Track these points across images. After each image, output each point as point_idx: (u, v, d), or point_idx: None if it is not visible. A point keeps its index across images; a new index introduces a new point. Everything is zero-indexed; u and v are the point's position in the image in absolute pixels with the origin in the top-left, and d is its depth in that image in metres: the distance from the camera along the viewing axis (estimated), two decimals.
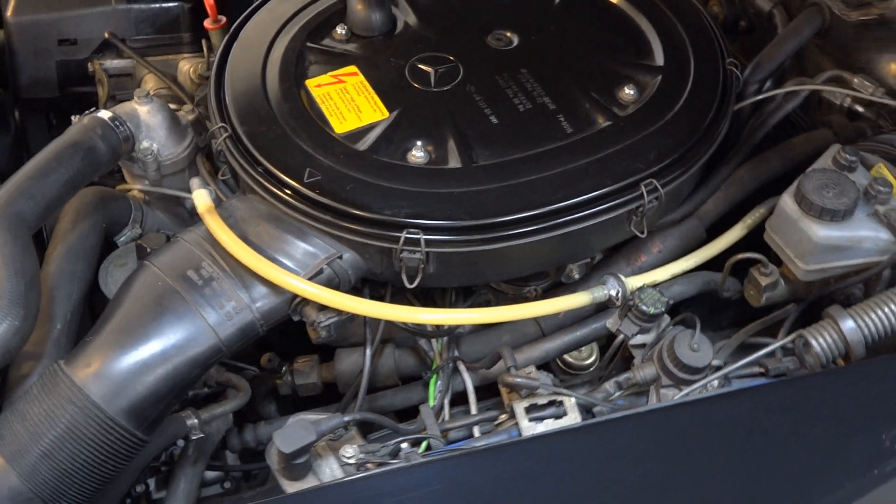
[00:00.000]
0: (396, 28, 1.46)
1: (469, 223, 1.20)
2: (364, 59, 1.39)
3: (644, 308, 1.21)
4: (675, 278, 1.32)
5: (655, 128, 1.32)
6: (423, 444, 1.17)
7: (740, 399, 1.11)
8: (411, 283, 1.22)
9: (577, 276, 1.39)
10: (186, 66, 1.57)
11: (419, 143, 1.27)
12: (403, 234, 1.18)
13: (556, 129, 1.32)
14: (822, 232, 1.25)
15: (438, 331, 1.32)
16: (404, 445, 1.15)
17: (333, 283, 1.21)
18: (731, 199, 1.45)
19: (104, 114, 1.33)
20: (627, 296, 1.24)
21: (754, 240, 1.36)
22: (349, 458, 1.13)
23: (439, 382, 1.31)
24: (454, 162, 1.27)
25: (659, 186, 1.26)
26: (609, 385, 1.23)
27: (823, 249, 1.26)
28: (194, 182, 1.25)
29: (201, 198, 1.22)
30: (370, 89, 1.35)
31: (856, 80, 1.53)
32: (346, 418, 1.12)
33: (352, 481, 1.04)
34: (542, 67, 1.39)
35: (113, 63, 1.55)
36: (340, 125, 1.30)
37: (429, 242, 1.18)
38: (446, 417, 1.28)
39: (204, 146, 1.45)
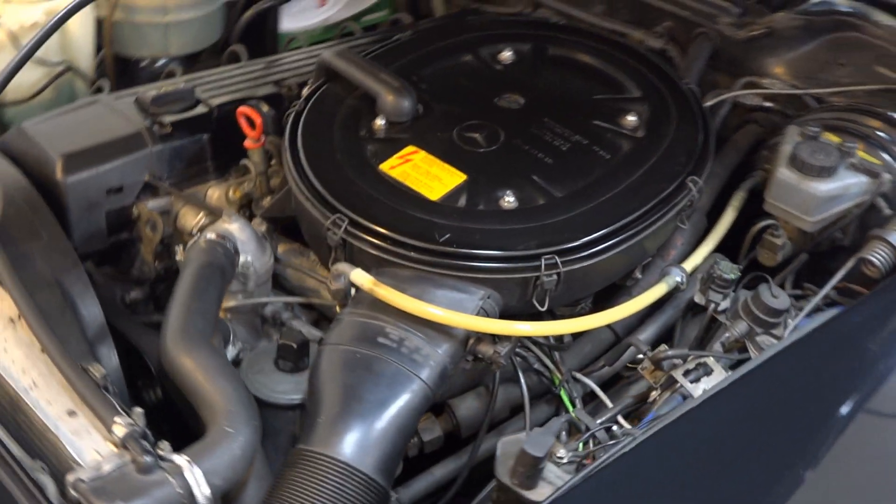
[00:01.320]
0: (419, 112, 1.65)
1: (582, 241, 1.41)
2: (415, 139, 1.57)
3: (725, 276, 1.48)
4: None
5: (671, 139, 1.61)
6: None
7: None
8: (543, 306, 1.41)
9: (639, 276, 1.63)
10: (216, 193, 1.66)
11: (507, 191, 1.48)
12: (543, 261, 1.37)
13: (597, 157, 1.57)
14: (823, 187, 1.59)
15: (562, 344, 1.51)
16: (600, 434, 1.33)
17: None
18: (715, 190, 1.76)
19: (212, 235, 1.42)
20: (709, 272, 1.50)
21: None
22: (562, 458, 1.28)
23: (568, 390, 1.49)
24: (540, 199, 1.48)
25: (700, 181, 1.54)
26: (716, 346, 1.47)
27: (825, 201, 1.60)
28: (342, 266, 1.37)
29: (361, 276, 1.35)
30: (437, 160, 1.53)
31: (765, 82, 1.91)
32: (563, 419, 1.28)
33: (615, 464, 1.16)
34: (558, 115, 1.65)
35: (153, 203, 1.61)
36: (433, 192, 1.48)
37: (563, 263, 1.38)
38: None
39: None
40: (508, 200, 1.47)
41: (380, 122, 1.60)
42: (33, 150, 1.57)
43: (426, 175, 1.51)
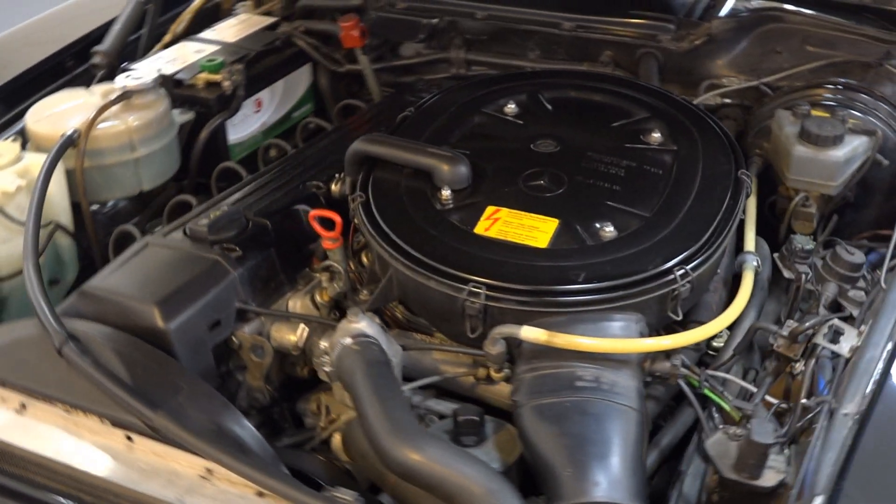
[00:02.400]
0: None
1: (697, 245, 1.51)
2: (489, 199, 1.61)
3: (806, 247, 1.62)
4: None
5: (701, 144, 1.75)
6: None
7: None
8: (678, 315, 1.49)
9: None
10: (298, 303, 1.63)
11: (601, 223, 1.55)
12: (677, 273, 1.45)
13: (653, 174, 1.68)
14: (839, 153, 1.78)
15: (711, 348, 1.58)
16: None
17: None
18: None
19: (350, 339, 1.41)
20: (786, 249, 1.63)
21: None
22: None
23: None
24: (634, 222, 1.56)
25: (749, 173, 1.69)
26: (822, 310, 1.60)
27: (842, 165, 1.78)
28: (505, 328, 1.39)
29: (532, 331, 1.37)
30: (522, 213, 1.58)
31: (724, 80, 2.10)
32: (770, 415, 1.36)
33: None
34: (594, 148, 1.74)
35: (250, 328, 1.56)
36: (538, 241, 1.53)
37: (693, 269, 1.47)
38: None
39: None
40: (608, 230, 1.54)
41: (445, 192, 1.63)
42: (117, 306, 1.48)
43: (522, 228, 1.56)
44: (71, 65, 2.33)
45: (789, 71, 2.07)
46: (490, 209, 1.60)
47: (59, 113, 2.02)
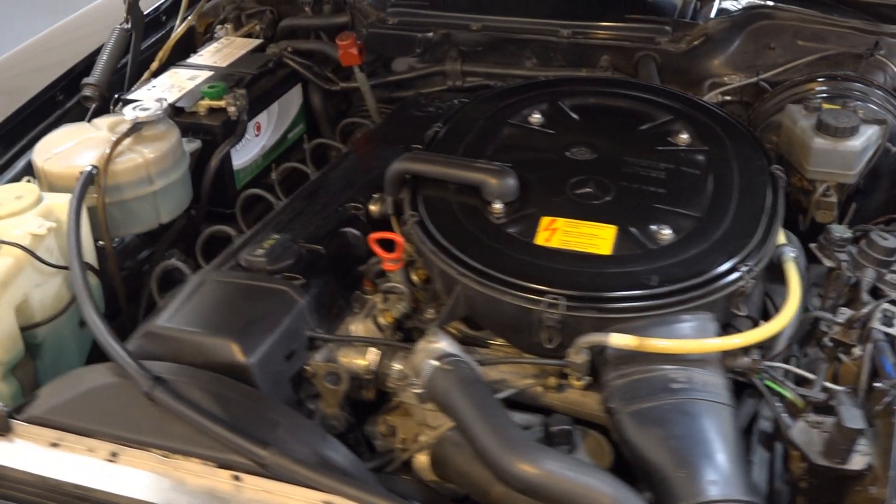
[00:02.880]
0: None
1: (756, 240, 1.56)
2: (542, 210, 1.64)
3: (844, 236, 1.69)
4: None
5: (730, 142, 1.80)
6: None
7: None
8: (742, 311, 1.54)
9: None
10: (360, 326, 1.62)
11: (656, 226, 1.59)
12: (743, 269, 1.50)
13: (692, 175, 1.73)
14: (856, 143, 1.85)
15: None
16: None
17: None
18: None
19: (436, 359, 1.41)
20: (823, 238, 1.70)
21: None
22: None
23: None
24: (688, 224, 1.61)
25: (780, 167, 1.75)
26: (864, 296, 1.66)
27: (859, 154, 1.86)
28: (592, 337, 1.42)
29: (622, 338, 1.40)
30: (578, 221, 1.61)
31: (726, 79, 2.17)
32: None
33: None
34: (629, 153, 1.78)
35: (321, 356, 1.55)
36: (601, 248, 1.56)
37: (756, 265, 1.52)
38: None
39: None
40: (665, 233, 1.58)
41: (497, 206, 1.65)
42: (192, 344, 1.45)
43: (581, 236, 1.58)
44: (62, 98, 2.26)
45: (785, 66, 2.15)
46: (546, 220, 1.62)
47: (69, 150, 1.96)
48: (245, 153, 2.27)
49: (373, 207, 1.80)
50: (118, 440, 1.33)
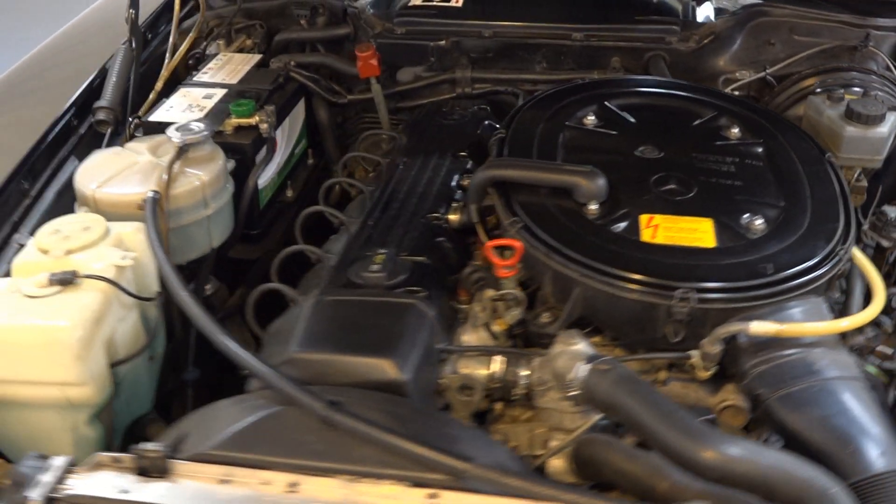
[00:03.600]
0: None
1: (843, 223, 1.67)
2: (637, 208, 1.69)
3: None
4: None
5: (781, 132, 1.91)
6: None
7: None
8: (840, 291, 1.64)
9: None
10: (473, 336, 1.62)
11: (745, 217, 1.67)
12: (841, 252, 1.60)
13: (757, 167, 1.82)
14: (885, 129, 2.00)
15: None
16: None
17: None
18: None
19: (590, 358, 1.45)
20: (877, 220, 1.82)
21: None
22: None
23: None
24: (773, 212, 1.70)
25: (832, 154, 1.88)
26: None
27: (886, 140, 2.01)
28: (731, 326, 1.48)
29: (762, 325, 1.47)
30: (675, 217, 1.67)
31: (737, 74, 2.28)
32: None
33: None
34: (694, 149, 1.86)
35: (447, 368, 1.55)
36: (705, 241, 1.63)
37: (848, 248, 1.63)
38: None
39: None
40: (758, 223, 1.66)
41: (593, 207, 1.69)
42: (341, 365, 1.43)
43: (682, 231, 1.65)
44: (76, 123, 2.16)
45: (787, 61, 2.29)
46: (644, 217, 1.68)
47: (119, 176, 1.88)
48: (265, 172, 2.23)
49: (453, 217, 1.81)
50: (296, 469, 1.30)
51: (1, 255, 1.81)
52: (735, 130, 1.92)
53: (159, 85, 2.31)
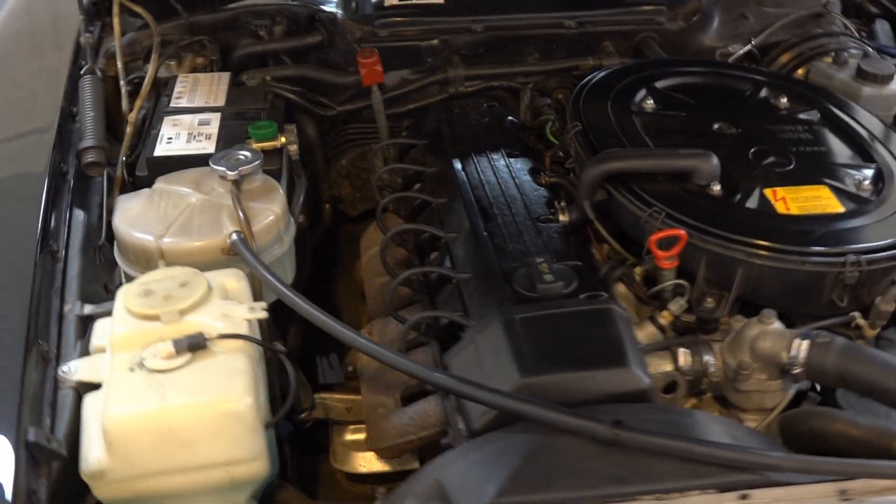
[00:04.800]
0: None
1: None
2: (756, 183, 1.69)
3: None
4: None
5: (822, 100, 1.98)
6: None
7: None
8: None
9: None
10: (641, 333, 1.56)
11: (851, 177, 1.72)
12: None
13: (823, 132, 1.88)
14: (894, 86, 2.12)
15: None
16: None
17: None
18: None
19: (804, 335, 1.45)
20: None
21: None
22: None
23: None
24: (871, 172, 1.76)
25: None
26: None
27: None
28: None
29: None
30: (793, 187, 1.69)
31: (729, 49, 2.34)
32: None
33: None
34: (763, 122, 1.89)
35: None
36: (833, 207, 1.65)
37: None
38: None
39: None
40: (865, 183, 1.72)
41: (716, 187, 1.68)
42: (578, 382, 1.34)
43: (808, 200, 1.67)
44: (65, 170, 1.87)
45: (765, 32, 2.37)
46: (768, 191, 1.68)
47: (179, 222, 1.65)
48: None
49: (563, 217, 1.73)
50: (601, 500, 1.20)
51: (61, 332, 1.53)
52: (784, 100, 1.96)
53: (133, 116, 2.05)
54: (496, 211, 1.77)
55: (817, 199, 1.67)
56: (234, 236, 1.59)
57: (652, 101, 1.94)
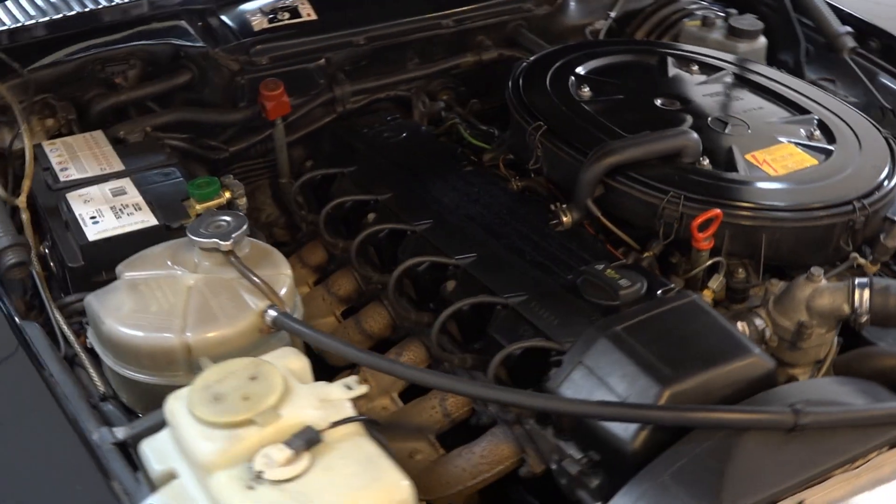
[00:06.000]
0: None
1: None
2: (730, 151, 1.75)
3: None
4: None
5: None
6: None
7: None
8: None
9: None
10: None
11: (801, 128, 1.85)
12: None
13: (753, 91, 1.99)
14: (763, 39, 2.28)
15: None
16: None
17: None
18: None
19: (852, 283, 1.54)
20: None
21: None
22: None
23: None
24: (813, 122, 1.88)
25: None
26: None
27: (765, 48, 2.30)
28: None
29: None
30: (764, 150, 1.77)
31: (596, 25, 2.40)
32: None
33: None
34: (692, 91, 1.96)
35: None
36: (808, 161, 1.75)
37: None
38: None
39: None
40: (816, 133, 1.85)
41: (704, 162, 1.72)
42: (717, 378, 1.32)
43: (785, 158, 1.75)
44: None
45: (620, 2, 2.44)
46: (749, 157, 1.74)
47: (192, 311, 1.43)
48: None
49: (566, 219, 1.69)
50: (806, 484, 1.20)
51: (104, 466, 1.29)
52: (695, 68, 2.04)
53: (23, 199, 1.75)
54: (498, 227, 1.70)
55: (791, 157, 1.76)
56: (271, 312, 1.41)
57: (588, 89, 1.94)
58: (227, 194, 1.72)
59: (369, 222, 1.83)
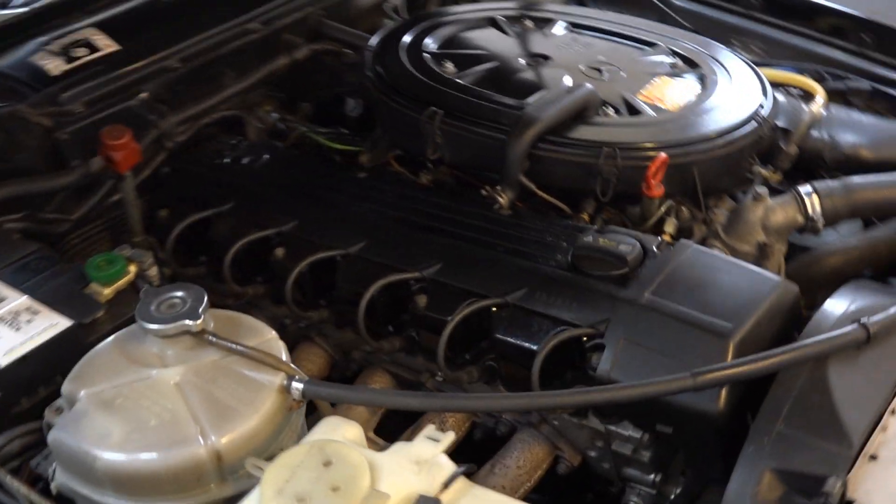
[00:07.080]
0: None
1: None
2: (627, 101, 1.77)
3: None
4: None
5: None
6: None
7: None
8: None
9: None
10: None
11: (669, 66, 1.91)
12: None
13: (604, 37, 2.01)
14: None
15: None
16: None
17: None
18: None
19: None
20: None
21: None
22: None
23: None
24: (672, 62, 1.93)
25: None
26: None
27: None
28: None
29: None
30: (646, 89, 1.79)
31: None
32: None
33: None
34: (549, 43, 1.96)
35: None
36: (693, 91, 1.81)
37: None
38: None
39: None
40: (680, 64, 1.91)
41: (610, 111, 1.72)
42: (770, 308, 1.35)
43: (674, 92, 1.79)
44: None
45: None
46: (641, 97, 1.76)
47: (206, 412, 1.20)
48: None
49: (503, 199, 1.62)
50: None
51: None
52: (529, 24, 2.04)
53: None
54: (442, 226, 1.59)
55: (674, 89, 1.80)
56: (296, 384, 1.22)
57: (451, 65, 1.86)
58: (133, 268, 1.46)
59: (280, 258, 1.64)
